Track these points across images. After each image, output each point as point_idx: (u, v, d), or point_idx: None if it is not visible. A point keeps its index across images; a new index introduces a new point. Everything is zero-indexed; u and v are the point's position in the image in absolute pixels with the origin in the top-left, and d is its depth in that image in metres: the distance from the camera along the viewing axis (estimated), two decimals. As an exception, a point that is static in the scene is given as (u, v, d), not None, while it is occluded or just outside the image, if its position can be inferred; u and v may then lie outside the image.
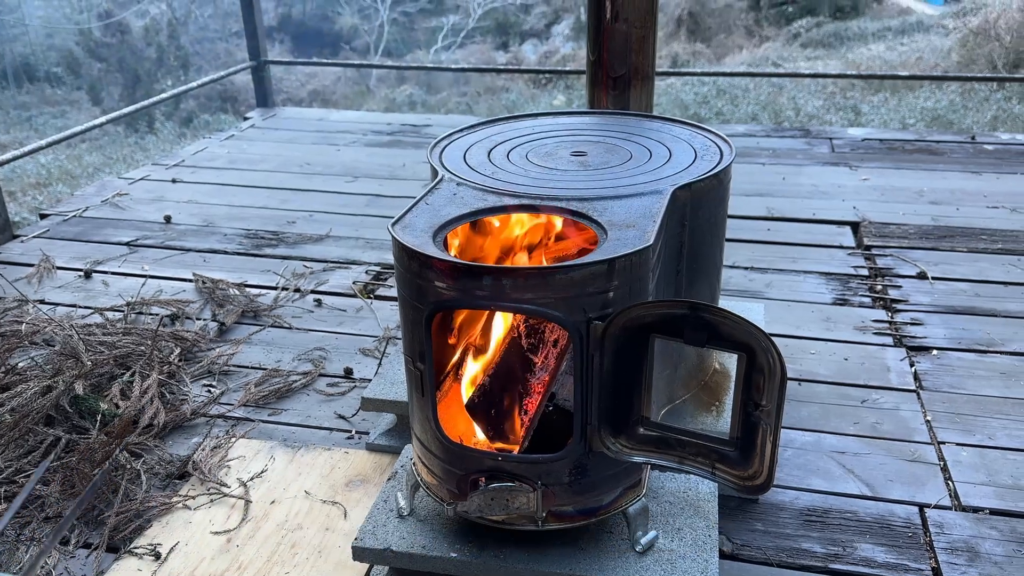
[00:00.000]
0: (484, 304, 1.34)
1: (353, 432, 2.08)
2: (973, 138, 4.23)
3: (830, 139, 4.29)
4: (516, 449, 1.47)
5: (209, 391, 2.25)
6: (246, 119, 5.07)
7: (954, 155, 3.97)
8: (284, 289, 2.81)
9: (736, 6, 14.02)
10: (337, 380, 2.31)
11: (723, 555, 1.64)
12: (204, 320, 2.61)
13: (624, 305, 1.28)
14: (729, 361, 1.94)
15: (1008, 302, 2.59)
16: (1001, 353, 2.32)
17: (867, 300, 2.62)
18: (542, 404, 1.49)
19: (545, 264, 1.55)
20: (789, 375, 2.15)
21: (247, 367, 2.37)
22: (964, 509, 1.75)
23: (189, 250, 3.14)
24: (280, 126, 4.84)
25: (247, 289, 2.79)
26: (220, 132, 4.91)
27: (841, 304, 2.61)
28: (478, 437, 1.52)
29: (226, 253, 3.12)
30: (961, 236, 3.06)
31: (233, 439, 2.04)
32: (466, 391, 1.55)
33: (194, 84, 4.99)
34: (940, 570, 1.60)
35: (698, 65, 11.37)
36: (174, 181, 3.90)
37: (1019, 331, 2.42)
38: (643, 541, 1.48)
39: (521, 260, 1.57)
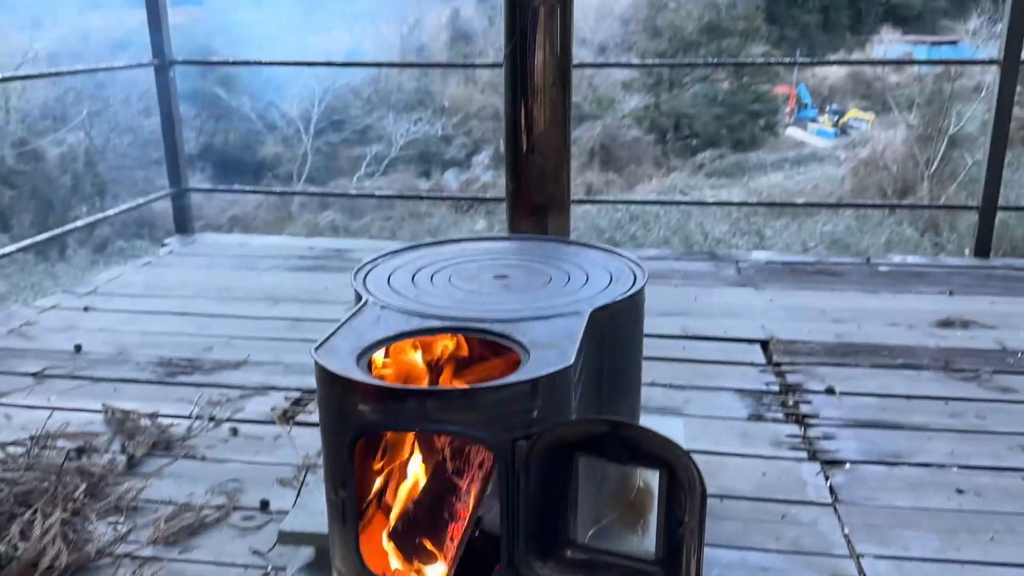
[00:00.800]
0: (408, 426, 1.34)
1: (269, 568, 1.99)
2: (868, 260, 4.51)
3: (736, 262, 4.51)
4: (442, 577, 1.44)
5: (116, 529, 2.13)
6: (164, 245, 5.01)
7: (852, 276, 4.22)
8: (198, 418, 2.72)
9: (644, 139, 14.92)
10: (253, 513, 2.22)
11: None
12: (113, 453, 2.49)
13: (548, 425, 1.29)
14: (653, 478, 1.96)
15: (912, 414, 2.71)
16: (909, 464, 2.41)
17: (780, 415, 2.71)
18: (468, 530, 1.47)
19: (469, 386, 1.56)
20: (710, 491, 2.17)
21: (157, 502, 2.26)
22: (886, 622, 1.78)
23: (100, 380, 3.03)
24: (199, 252, 4.80)
25: (159, 419, 2.69)
26: (136, 259, 4.83)
27: (756, 420, 2.68)
28: (402, 567, 1.48)
29: (138, 382, 3.01)
30: (864, 352, 3.21)
31: (140, 580, 1.92)
32: (390, 519, 1.51)
33: (111, 212, 4.95)
34: None
35: (611, 193, 11.93)
36: (86, 309, 3.79)
37: (924, 443, 2.53)
38: (574, 670, 1.44)
39: (445, 382, 1.58)
